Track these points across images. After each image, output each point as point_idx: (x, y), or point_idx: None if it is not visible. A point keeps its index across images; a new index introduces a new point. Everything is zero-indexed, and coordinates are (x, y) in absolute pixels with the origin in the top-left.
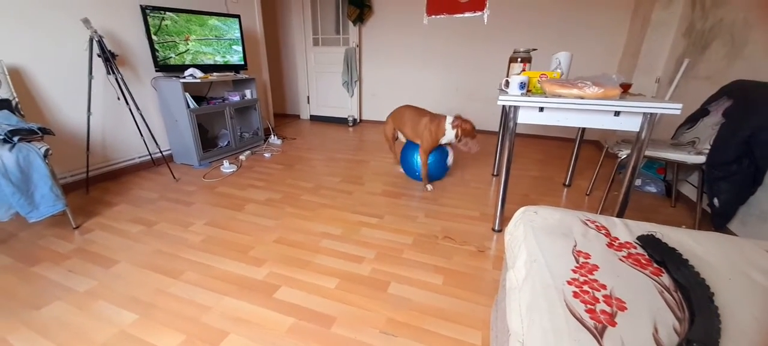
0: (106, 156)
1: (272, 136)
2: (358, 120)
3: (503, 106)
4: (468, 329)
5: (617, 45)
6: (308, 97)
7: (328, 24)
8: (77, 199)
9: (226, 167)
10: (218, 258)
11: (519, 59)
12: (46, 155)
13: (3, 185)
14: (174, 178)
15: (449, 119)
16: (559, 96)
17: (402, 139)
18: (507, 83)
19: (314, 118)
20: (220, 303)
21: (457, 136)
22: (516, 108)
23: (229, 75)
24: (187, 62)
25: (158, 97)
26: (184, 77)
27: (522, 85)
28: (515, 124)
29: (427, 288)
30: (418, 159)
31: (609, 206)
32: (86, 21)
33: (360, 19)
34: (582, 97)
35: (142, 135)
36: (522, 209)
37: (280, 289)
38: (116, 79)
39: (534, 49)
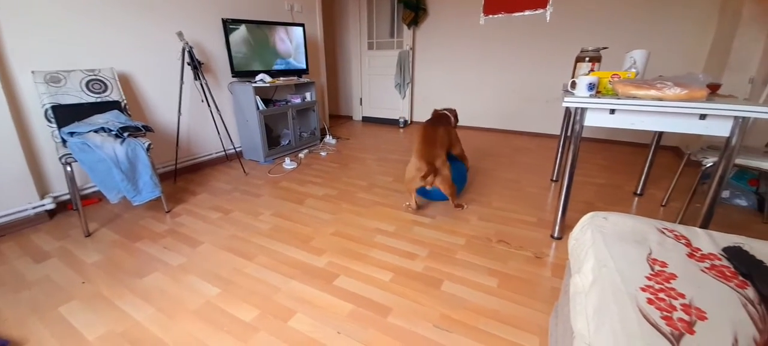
0: (190, 151)
1: (328, 136)
2: (409, 122)
3: (567, 108)
4: (525, 333)
5: (703, 42)
6: (361, 99)
7: (383, 28)
8: (167, 187)
9: (288, 164)
10: (284, 245)
11: (587, 58)
12: (148, 149)
13: (115, 172)
14: (244, 172)
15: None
16: (634, 97)
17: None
18: (573, 84)
19: (366, 120)
20: (287, 285)
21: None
22: (583, 110)
23: (293, 79)
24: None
25: (233, 100)
26: (256, 82)
27: (591, 86)
28: (581, 127)
29: (481, 289)
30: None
31: (689, 218)
32: (180, 34)
33: (415, 22)
34: (661, 99)
35: (219, 133)
36: (590, 214)
37: (340, 277)
38: (201, 85)
39: (604, 48)
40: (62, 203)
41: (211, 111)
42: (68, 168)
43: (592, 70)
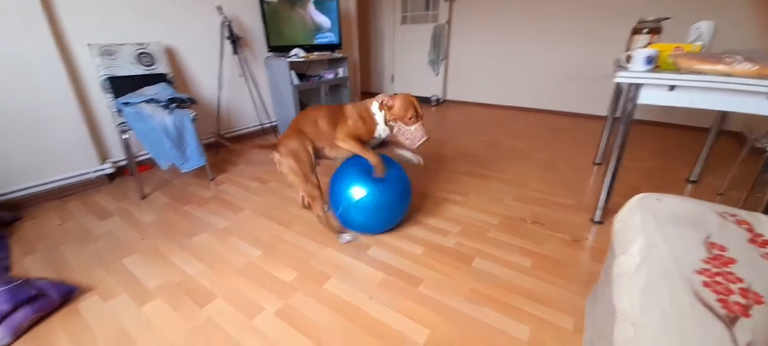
0: (230, 123)
1: None
2: (442, 99)
3: (618, 84)
4: (558, 312)
5: None
6: (393, 75)
7: (418, 1)
8: (210, 158)
9: None
10: None
11: (645, 30)
12: (193, 120)
13: (164, 141)
14: None
15: (375, 104)
16: (698, 72)
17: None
18: (628, 58)
19: None
20: (322, 252)
21: (386, 121)
22: (637, 87)
23: (326, 54)
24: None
25: (268, 75)
26: (290, 56)
27: (649, 60)
28: (634, 105)
29: (513, 268)
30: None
31: (748, 208)
32: (219, 8)
33: None
34: (729, 75)
35: (256, 107)
36: (640, 196)
37: (372, 247)
38: (239, 59)
39: (666, 18)
40: (120, 168)
41: (248, 85)
42: (125, 136)
43: (650, 42)
